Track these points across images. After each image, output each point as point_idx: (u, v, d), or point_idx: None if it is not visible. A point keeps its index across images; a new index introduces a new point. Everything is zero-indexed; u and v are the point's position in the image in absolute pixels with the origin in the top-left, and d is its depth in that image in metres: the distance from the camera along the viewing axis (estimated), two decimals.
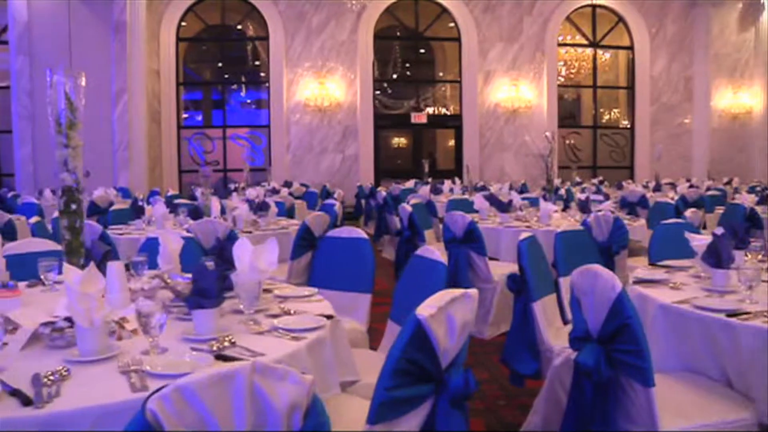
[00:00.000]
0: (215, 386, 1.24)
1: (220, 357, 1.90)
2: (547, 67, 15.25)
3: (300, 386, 1.33)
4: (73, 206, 2.33)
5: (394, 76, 15.95)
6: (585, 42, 16.13)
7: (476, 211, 6.94)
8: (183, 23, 14.68)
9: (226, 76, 16.28)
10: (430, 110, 15.89)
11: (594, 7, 15.66)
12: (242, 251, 2.53)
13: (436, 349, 1.86)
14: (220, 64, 16.25)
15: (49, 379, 1.70)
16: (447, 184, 11.58)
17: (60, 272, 3.23)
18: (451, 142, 16.17)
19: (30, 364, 1.88)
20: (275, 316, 2.45)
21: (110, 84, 12.58)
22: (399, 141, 16.48)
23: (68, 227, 2.33)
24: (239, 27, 15.75)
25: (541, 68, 15.25)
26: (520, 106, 15.15)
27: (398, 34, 15.85)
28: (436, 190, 10.43)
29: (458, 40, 15.16)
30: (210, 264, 2.51)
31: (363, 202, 11.71)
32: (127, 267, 3.03)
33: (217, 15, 15.24)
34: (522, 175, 14.66)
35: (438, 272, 3.02)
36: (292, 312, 2.50)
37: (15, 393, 1.63)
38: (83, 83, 2.35)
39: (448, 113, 16.11)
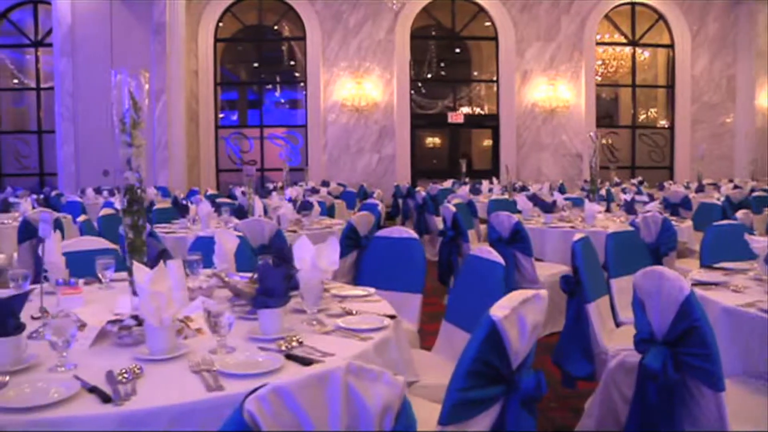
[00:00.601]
0: (312, 387, 1.23)
1: (291, 357, 1.89)
2: (584, 66, 15.08)
3: (393, 387, 1.31)
4: (136, 205, 2.33)
5: (429, 76, 15.87)
6: (624, 41, 15.92)
7: (519, 212, 6.88)
8: (220, 24, 14.80)
9: (262, 76, 16.38)
10: (465, 110, 15.81)
11: (633, 4, 15.45)
12: (304, 250, 2.52)
13: (509, 350, 1.85)
14: (255, 64, 16.36)
15: (123, 377, 1.71)
16: (485, 184, 11.52)
17: (116, 270, 3.27)
18: (487, 142, 16.07)
19: (100, 362, 1.89)
20: (337, 315, 2.44)
21: (150, 84, 12.70)
22: (435, 141, 16.43)
23: (131, 225, 2.33)
24: (275, 27, 15.83)
25: (579, 67, 15.09)
26: (557, 106, 15.00)
27: (433, 33, 15.79)
28: (474, 190, 10.37)
29: (495, 39, 15.06)
30: (271, 263, 2.52)
31: (400, 202, 11.68)
32: None
33: (254, 15, 15.33)
34: (559, 176, 14.53)
35: (496, 273, 2.99)
36: (353, 312, 2.48)
37: (93, 390, 1.64)
38: (146, 83, 2.35)
39: (484, 113, 16.02)
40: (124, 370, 1.74)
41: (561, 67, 15.04)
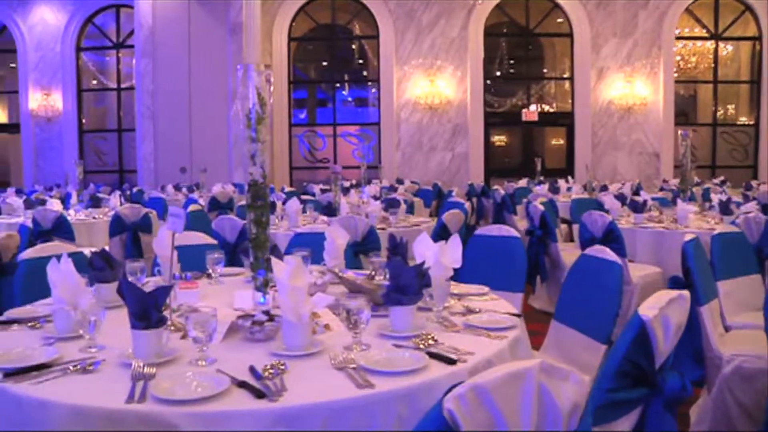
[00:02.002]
0: (508, 386, 1.19)
1: (433, 355, 1.84)
2: (663, 62, 14.62)
3: (580, 386, 1.27)
4: (260, 201, 2.32)
5: (498, 74, 15.64)
6: (705, 35, 15.37)
7: (606, 211, 6.70)
8: (293, 23, 14.93)
9: (334, 74, 16.47)
10: (534, 107, 15.53)
11: None
12: (425, 247, 2.48)
13: (655, 351, 1.80)
14: (325, 63, 16.47)
15: (269, 373, 1.69)
16: (562, 183, 11.31)
17: (226, 265, 3.29)
18: (560, 140, 15.78)
19: (237, 356, 1.88)
20: (460, 313, 2.39)
21: (226, 84, 12.93)
22: (508, 139, 16.23)
23: (255, 221, 2.32)
24: (346, 26, 15.88)
25: (657, 63, 14.64)
26: (634, 103, 14.60)
27: (505, 31, 15.57)
28: (553, 189, 10.18)
29: (570, 35, 14.76)
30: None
31: (474, 200, 11.55)
32: None
33: (327, 14, 15.42)
34: (635, 175, 14.14)
35: (614, 272, 2.90)
36: (476, 310, 2.42)
37: (242, 385, 1.62)
38: (271, 80, 2.34)
39: (556, 110, 15.73)
40: (269, 366, 1.72)
41: (638, 64, 14.62)
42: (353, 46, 16.07)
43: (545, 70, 16.34)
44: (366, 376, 1.69)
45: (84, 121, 16.47)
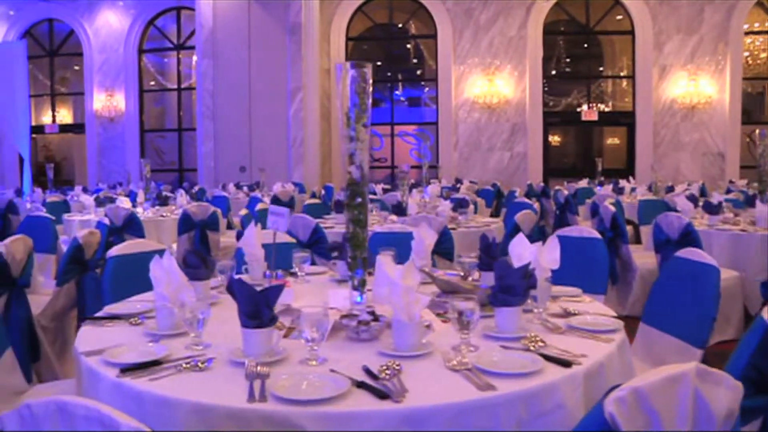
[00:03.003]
0: (666, 389, 1.17)
1: (548, 358, 1.79)
2: (730, 58, 14.19)
3: (735, 392, 1.22)
4: (359, 199, 2.30)
5: (554, 73, 15.39)
6: None
7: (677, 212, 6.52)
8: (351, 23, 14.97)
9: (388, 74, 16.47)
10: (589, 107, 15.25)
11: None
12: (522, 248, 2.43)
13: None
14: (379, 63, 16.47)
15: (385, 373, 1.66)
16: (624, 184, 11.06)
17: (312, 264, 3.29)
18: (617, 140, 15.48)
19: (346, 356, 1.86)
20: (559, 315, 2.33)
21: (286, 83, 13.03)
22: (565, 138, 15.99)
23: (353, 220, 2.30)
24: (401, 25, 15.86)
25: (724, 60, 14.21)
26: (698, 102, 14.21)
27: (562, 29, 15.32)
28: (617, 190, 9.97)
29: (631, 33, 14.45)
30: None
31: (533, 201, 11.39)
32: None
33: (384, 14, 15.43)
34: (699, 176, 13.76)
35: (711, 276, 2.79)
36: (574, 311, 2.36)
37: (362, 385, 1.60)
38: (369, 79, 2.31)
39: (615, 110, 15.43)
40: (384, 367, 1.69)
41: (703, 61, 14.23)
42: (408, 46, 16.04)
43: (601, 69, 16.04)
44: (483, 377, 1.65)
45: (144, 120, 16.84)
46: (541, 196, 11.21)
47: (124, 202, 7.39)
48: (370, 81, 2.34)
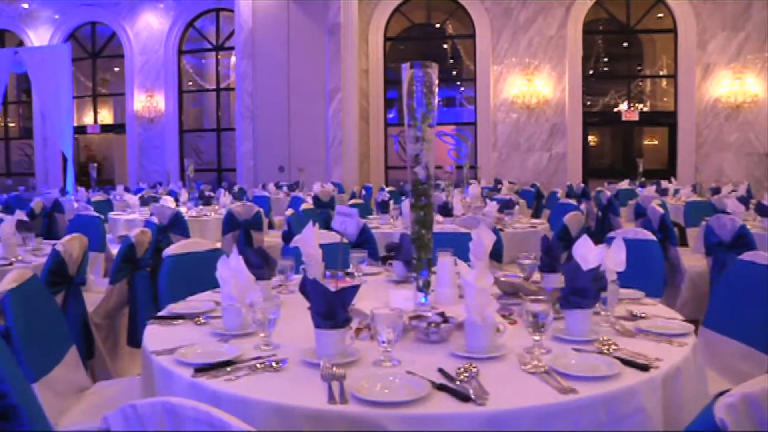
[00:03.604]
0: None
1: (626, 362, 1.76)
2: None
3: None
4: (424, 200, 2.28)
5: (591, 72, 15.15)
6: None
7: (727, 214, 6.39)
8: (389, 23, 14.97)
9: None
10: (627, 106, 15.01)
11: None
12: (587, 250, 2.40)
13: None
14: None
15: (464, 376, 1.64)
16: (666, 185, 10.89)
17: (368, 264, 3.28)
18: (656, 140, 15.24)
19: (419, 357, 1.85)
20: (626, 318, 2.30)
21: (324, 83, 13.07)
22: (604, 139, 15.80)
23: (418, 220, 2.29)
24: (438, 25, 15.81)
25: None
26: (744, 101, 13.91)
27: (601, 28, 15.11)
28: (660, 191, 9.81)
29: (674, 31, 14.20)
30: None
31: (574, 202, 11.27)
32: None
33: (422, 14, 15.40)
34: (742, 176, 13.46)
35: None
36: (642, 314, 2.32)
37: (442, 388, 1.59)
38: (435, 79, 2.30)
39: (655, 109, 15.18)
40: (462, 369, 1.68)
41: (749, 58, 13.89)
42: (444, 46, 15.98)
43: (640, 68, 15.79)
44: (562, 380, 1.62)
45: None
46: (582, 197, 11.08)
47: (169, 202, 7.47)
48: (436, 81, 2.32)
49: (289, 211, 5.84)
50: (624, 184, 11.37)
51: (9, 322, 2.43)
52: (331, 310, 1.78)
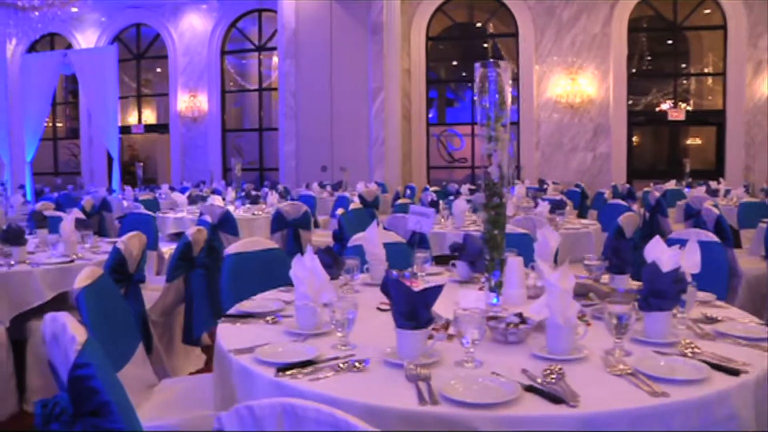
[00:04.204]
0: None
1: (714, 366, 1.72)
2: None
3: None
4: (497, 200, 2.27)
5: (633, 71, 14.85)
6: None
7: None
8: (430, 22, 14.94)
9: (464, 74, 16.36)
10: (669, 105, 14.72)
11: None
12: (660, 252, 2.36)
13: None
14: (455, 63, 16.38)
15: (551, 378, 1.63)
16: (715, 186, 10.67)
17: (431, 264, 3.27)
18: (701, 140, 14.95)
19: (498, 359, 1.84)
20: (701, 321, 2.25)
21: (367, 83, 13.09)
22: (648, 138, 15.54)
23: (491, 221, 2.28)
24: (479, 25, 15.72)
25: None
26: None
27: (645, 25, 14.84)
28: (710, 192, 9.62)
29: (723, 27, 13.90)
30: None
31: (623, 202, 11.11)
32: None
33: (464, 13, 15.34)
34: None
35: None
36: (717, 317, 2.28)
37: (531, 389, 1.58)
38: (509, 79, 2.28)
39: (702, 108, 14.89)
40: (548, 371, 1.67)
41: None
42: (485, 45, 15.88)
43: (684, 66, 15.49)
44: (651, 383, 1.60)
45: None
46: (627, 197, 10.93)
47: (217, 201, 7.55)
48: (510, 80, 2.31)
49: (340, 211, 5.87)
50: (670, 185, 11.19)
51: (84, 318, 2.48)
52: (414, 310, 1.78)
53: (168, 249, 6.34)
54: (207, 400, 2.45)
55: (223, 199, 8.16)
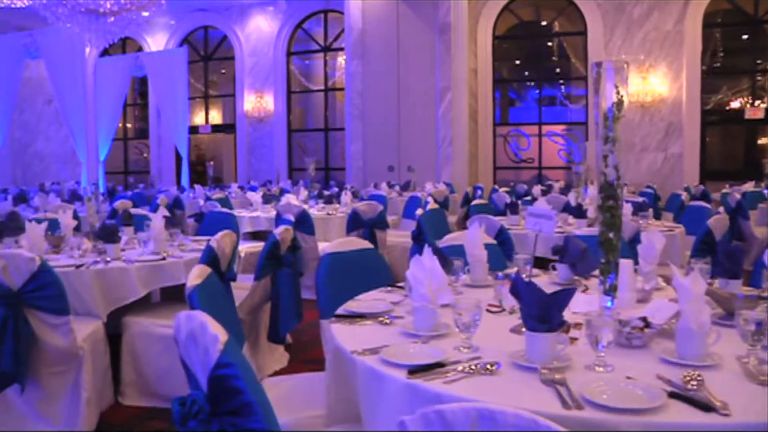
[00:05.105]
0: None
1: None
2: None
3: None
4: (611, 202, 2.24)
5: (703, 68, 14.36)
6: None
7: None
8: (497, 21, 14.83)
9: (526, 73, 16.17)
10: (751, 104, 14.22)
11: None
12: None
13: None
14: (518, 61, 16.19)
15: (692, 384, 1.60)
16: None
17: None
18: None
19: (625, 363, 1.82)
20: None
21: (434, 83, 13.07)
22: (722, 138, 15.09)
23: (607, 222, 2.25)
24: (544, 23, 15.52)
25: None
26: None
27: (719, 20, 14.36)
28: None
29: None
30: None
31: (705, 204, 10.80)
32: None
33: (530, 12, 15.17)
34: None
35: None
36: None
37: (674, 396, 1.55)
38: (627, 77, 2.25)
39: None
40: (687, 377, 1.64)
41: None
42: (549, 43, 15.68)
43: (759, 62, 14.91)
44: None
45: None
46: (701, 199, 10.64)
47: (292, 200, 7.65)
48: (628, 80, 2.27)
49: (419, 211, 5.88)
50: (748, 186, 10.86)
51: None
52: (546, 313, 1.77)
53: (244, 248, 6.45)
54: (314, 401, 2.48)
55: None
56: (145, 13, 16.02)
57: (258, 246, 6.93)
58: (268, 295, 4.51)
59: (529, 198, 8.07)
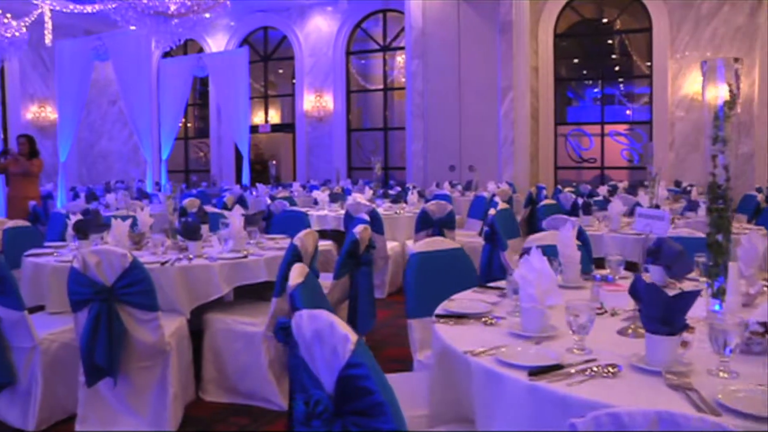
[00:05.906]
0: None
1: None
2: None
3: None
4: (721, 203, 2.21)
5: None
6: None
7: None
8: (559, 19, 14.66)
9: (585, 71, 15.93)
10: None
11: None
12: None
13: None
14: (576, 60, 15.94)
15: None
16: None
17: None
18: None
19: (749, 370, 1.79)
20: None
21: (496, 82, 12.99)
22: None
23: (715, 224, 2.21)
24: (605, 20, 15.24)
25: None
26: None
27: None
28: None
29: None
30: None
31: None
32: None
33: (593, 9, 14.94)
34: None
35: None
36: None
37: None
38: (740, 75, 2.21)
39: None
40: None
41: None
42: (609, 41, 15.40)
43: None
44: None
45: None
46: None
47: (360, 199, 7.70)
48: (740, 77, 2.23)
49: (492, 211, 5.87)
50: None
51: None
52: (669, 315, 1.75)
53: None
54: (412, 401, 2.48)
55: None
56: (207, 15, 16.36)
57: (326, 244, 7.02)
58: (346, 294, 4.54)
59: (598, 198, 7.95)
